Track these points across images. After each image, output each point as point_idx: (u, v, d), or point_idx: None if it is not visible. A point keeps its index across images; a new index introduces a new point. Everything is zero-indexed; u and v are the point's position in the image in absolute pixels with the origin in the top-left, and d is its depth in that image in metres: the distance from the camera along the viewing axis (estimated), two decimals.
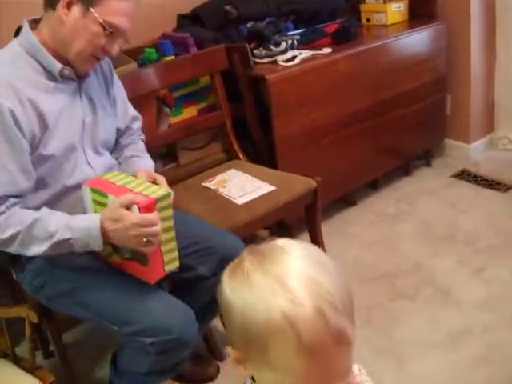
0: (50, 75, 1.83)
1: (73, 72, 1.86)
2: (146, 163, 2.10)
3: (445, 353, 2.39)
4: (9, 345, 1.90)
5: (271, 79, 2.81)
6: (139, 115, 2.23)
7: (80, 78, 1.90)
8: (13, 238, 1.72)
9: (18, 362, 1.91)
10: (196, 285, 2.08)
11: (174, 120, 2.89)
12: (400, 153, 3.66)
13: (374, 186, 3.66)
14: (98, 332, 2.68)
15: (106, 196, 1.75)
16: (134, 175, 1.91)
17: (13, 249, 1.76)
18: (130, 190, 1.75)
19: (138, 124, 2.21)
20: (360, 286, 2.84)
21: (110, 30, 1.78)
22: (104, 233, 1.71)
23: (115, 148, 2.13)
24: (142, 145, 2.20)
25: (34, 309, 1.93)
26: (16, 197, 1.76)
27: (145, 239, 1.69)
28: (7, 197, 1.73)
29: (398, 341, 2.49)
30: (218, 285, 1.00)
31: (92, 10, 1.74)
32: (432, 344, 2.45)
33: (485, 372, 2.28)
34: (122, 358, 2.09)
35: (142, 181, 1.84)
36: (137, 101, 2.36)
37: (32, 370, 1.88)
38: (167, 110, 2.86)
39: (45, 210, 1.78)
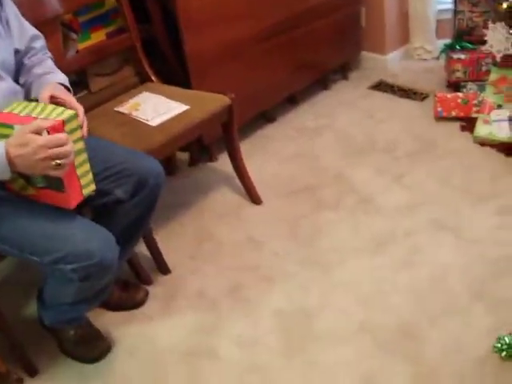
0: None
1: None
2: (59, 78, 2.00)
3: (369, 258, 2.46)
4: None
5: None
6: (40, 34, 2.11)
7: None
8: None
9: None
10: (114, 209, 2.04)
11: (82, 46, 2.77)
12: (317, 67, 3.64)
13: (292, 101, 3.64)
14: (23, 269, 2.64)
15: (12, 127, 1.66)
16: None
17: None
18: (36, 118, 1.67)
19: (40, 43, 2.10)
20: (282, 200, 2.87)
21: None
22: (9, 160, 1.62)
23: (21, 71, 2.02)
24: (50, 62, 2.09)
25: None
26: None
27: (54, 162, 1.61)
28: None
29: (323, 250, 2.53)
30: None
31: None
32: (356, 251, 2.50)
33: (407, 273, 2.36)
34: (46, 290, 2.07)
35: (45, 106, 1.76)
36: (40, 27, 2.24)
37: None
38: (73, 35, 2.74)
39: None
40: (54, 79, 1.96)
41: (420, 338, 2.08)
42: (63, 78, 2.01)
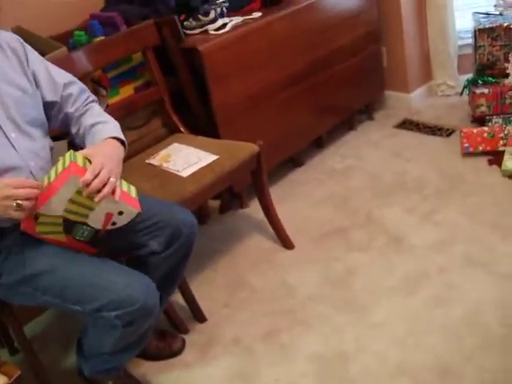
0: None
1: None
2: (111, 129, 1.99)
3: (403, 298, 2.45)
4: None
5: (204, 49, 2.79)
6: (73, 79, 2.11)
7: None
8: None
9: None
10: (148, 261, 2.07)
11: (111, 101, 2.85)
12: (342, 109, 3.69)
13: (319, 144, 3.68)
14: (63, 321, 2.68)
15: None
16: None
17: None
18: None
19: (76, 88, 2.09)
20: (313, 244, 2.88)
21: None
22: None
23: (70, 122, 2.05)
24: (97, 108, 2.10)
25: None
26: None
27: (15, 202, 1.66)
28: None
29: (357, 292, 2.53)
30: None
31: None
32: (390, 291, 2.50)
33: (442, 312, 2.34)
34: (86, 340, 2.09)
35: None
36: None
37: None
38: (103, 91, 2.82)
39: None
40: (103, 134, 1.95)
41: (458, 376, 2.05)
42: (113, 129, 2.00)
